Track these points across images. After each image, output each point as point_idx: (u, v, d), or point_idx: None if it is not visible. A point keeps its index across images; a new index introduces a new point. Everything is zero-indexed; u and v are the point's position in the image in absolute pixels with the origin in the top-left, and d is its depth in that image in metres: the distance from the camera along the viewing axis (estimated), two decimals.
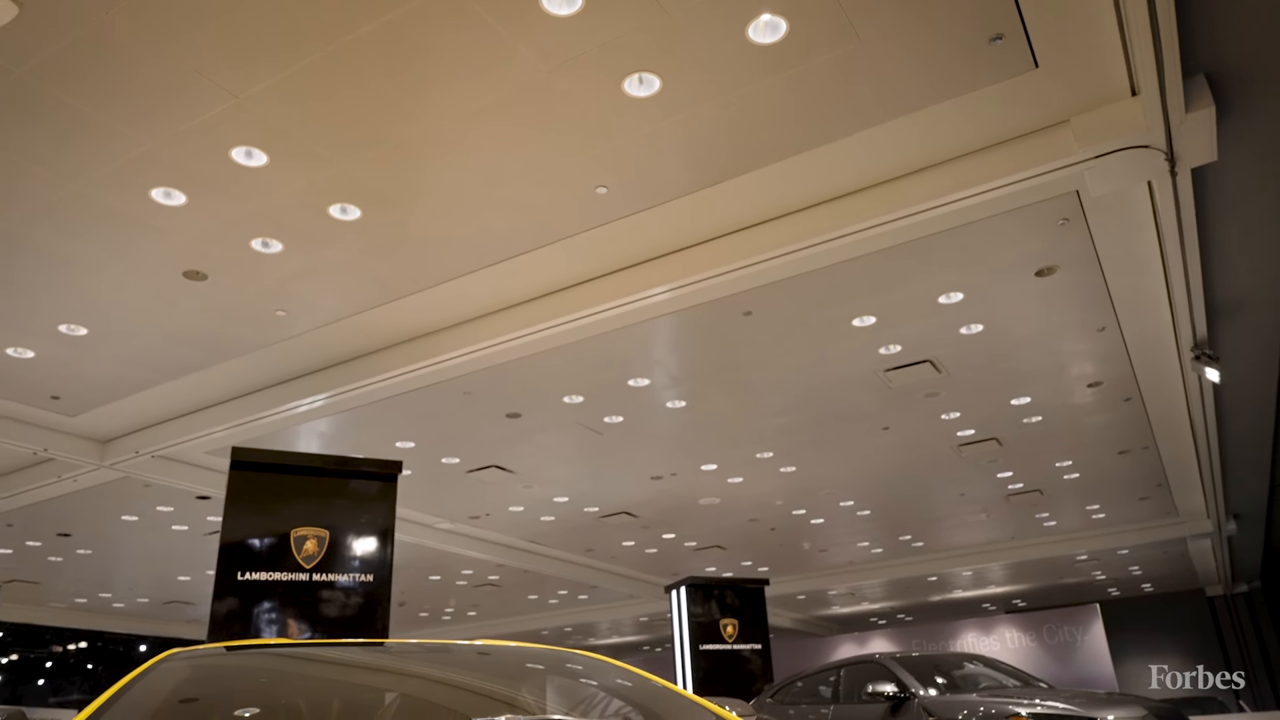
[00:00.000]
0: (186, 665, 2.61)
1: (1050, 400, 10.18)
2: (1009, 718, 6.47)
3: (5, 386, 8.75)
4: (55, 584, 17.37)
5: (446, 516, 13.89)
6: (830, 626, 27.02)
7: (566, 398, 9.42)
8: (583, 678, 2.84)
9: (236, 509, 6.31)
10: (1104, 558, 18.92)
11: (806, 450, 11.53)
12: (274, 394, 9.12)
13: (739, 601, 11.99)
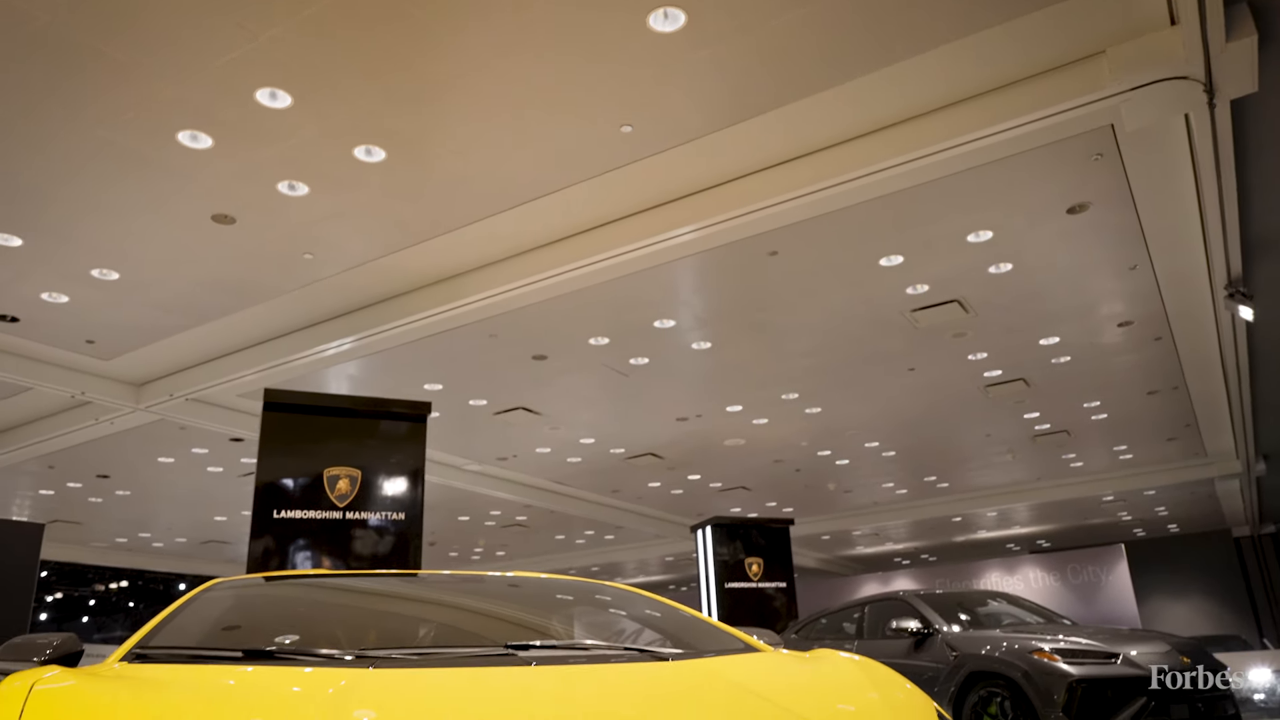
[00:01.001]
0: (230, 594, 2.71)
1: (1079, 340, 10.10)
2: (1032, 653, 6.54)
3: (41, 330, 8.90)
4: (96, 524, 17.84)
5: (474, 458, 14.08)
6: (854, 567, 27.27)
7: (592, 339, 9.45)
8: (612, 608, 2.90)
9: (270, 449, 6.43)
10: (1130, 499, 18.89)
11: (832, 391, 11.54)
12: (303, 337, 9.22)
13: (764, 541, 12.10)
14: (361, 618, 2.71)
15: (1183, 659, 6.53)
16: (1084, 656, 6.39)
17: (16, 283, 7.86)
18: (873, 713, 1.86)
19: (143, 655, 2.12)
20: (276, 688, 1.83)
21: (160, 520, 18.06)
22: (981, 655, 6.86)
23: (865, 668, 2.15)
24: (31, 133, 5.81)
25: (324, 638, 2.32)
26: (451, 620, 2.73)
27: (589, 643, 2.51)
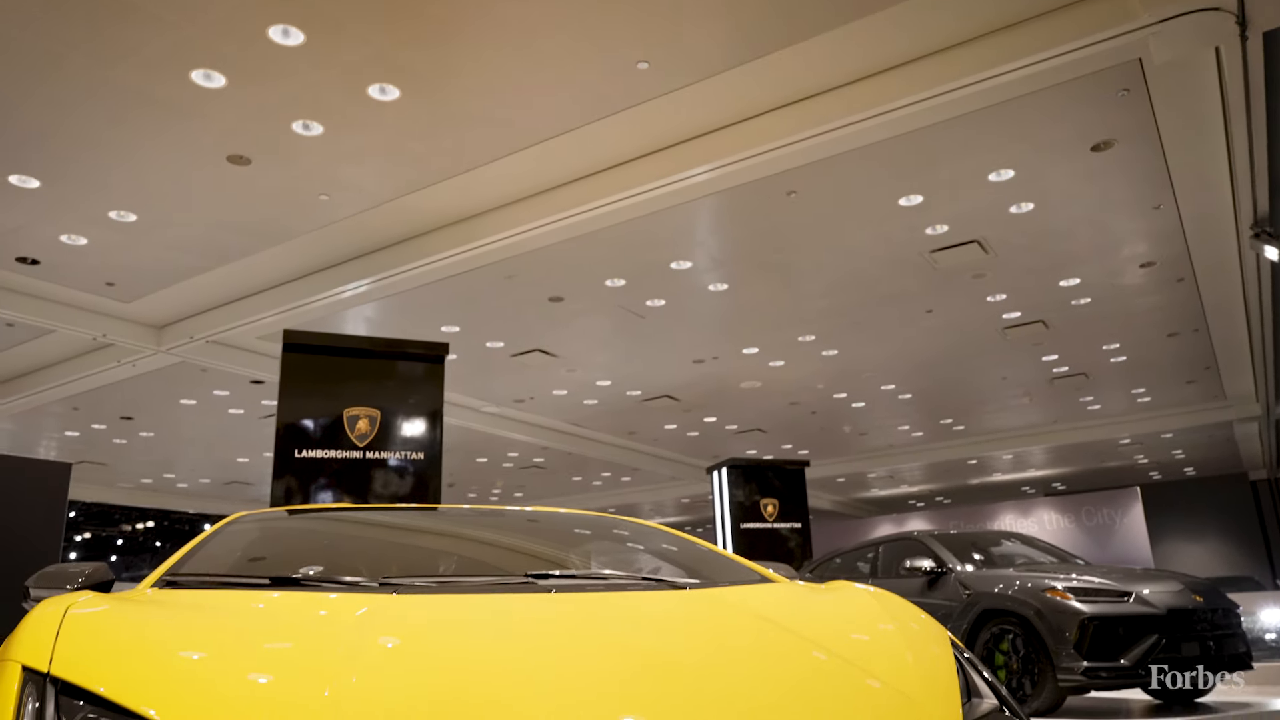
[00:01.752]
0: (254, 526, 2.76)
1: (1100, 281, 9.99)
2: (1045, 591, 6.59)
3: (62, 273, 8.96)
4: (121, 465, 18.14)
5: (492, 400, 14.18)
6: (869, 509, 27.45)
7: (608, 281, 9.43)
8: (630, 541, 2.95)
9: (291, 390, 6.49)
10: (1147, 441, 18.85)
11: (849, 333, 11.51)
12: (320, 279, 9.24)
13: (779, 482, 12.18)
14: (384, 549, 2.77)
15: (1195, 598, 6.57)
16: (1097, 595, 6.44)
17: (36, 225, 7.90)
18: (888, 641, 1.89)
19: (172, 582, 2.17)
20: (303, 611, 1.88)
21: (184, 461, 18.34)
22: (994, 594, 6.92)
23: (880, 598, 2.18)
24: (45, 74, 5.79)
25: (348, 567, 2.37)
26: (472, 551, 2.78)
27: (607, 573, 2.55)
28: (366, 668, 1.49)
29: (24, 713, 1.35)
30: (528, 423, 15.67)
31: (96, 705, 1.37)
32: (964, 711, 1.66)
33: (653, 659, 1.69)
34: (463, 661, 1.57)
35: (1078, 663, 6.14)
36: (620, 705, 1.46)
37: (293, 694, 1.40)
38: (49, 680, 1.41)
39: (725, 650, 1.80)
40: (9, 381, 12.41)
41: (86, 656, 1.46)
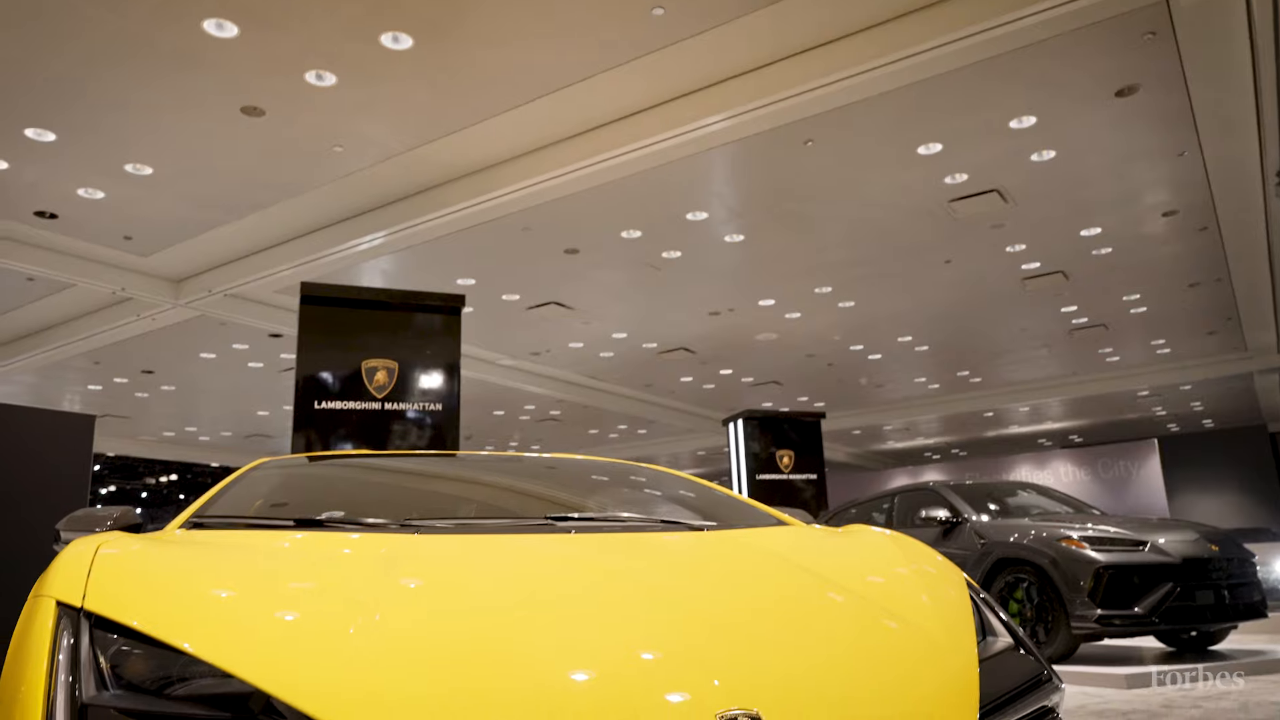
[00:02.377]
0: (277, 471, 2.81)
1: (1121, 231, 9.87)
2: (1060, 540, 6.62)
3: (80, 227, 9.00)
4: (144, 419, 18.37)
5: (508, 353, 14.22)
6: (884, 461, 27.51)
7: (624, 232, 9.39)
8: (648, 487, 2.97)
9: (309, 342, 6.53)
10: (1166, 393, 18.75)
11: (866, 285, 11.44)
12: (336, 232, 9.25)
13: (795, 434, 12.21)
14: (404, 493, 2.81)
15: (1211, 547, 6.59)
16: (1112, 544, 6.47)
17: (53, 179, 7.92)
18: (905, 581, 1.90)
19: (199, 524, 2.22)
20: (328, 550, 1.91)
21: (205, 415, 18.55)
22: (1009, 543, 6.96)
23: (897, 541, 2.19)
24: (58, 27, 5.76)
25: (370, 510, 2.40)
26: (491, 495, 2.81)
27: (625, 515, 2.58)
28: (389, 606, 1.52)
29: (59, 647, 1.39)
30: (544, 375, 15.73)
31: (130, 638, 1.40)
32: (979, 650, 1.68)
33: (670, 596, 1.71)
34: (483, 599, 1.60)
35: (1092, 610, 6.19)
36: (639, 641, 1.48)
37: (319, 631, 1.43)
38: (83, 615, 1.44)
39: (742, 588, 1.83)
40: (31, 336, 12.54)
41: (118, 592, 1.50)
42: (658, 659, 1.43)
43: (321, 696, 1.27)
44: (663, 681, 1.37)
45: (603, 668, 1.39)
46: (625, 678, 1.38)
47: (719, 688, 1.33)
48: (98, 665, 1.37)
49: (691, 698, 1.32)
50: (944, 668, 1.57)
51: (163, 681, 1.35)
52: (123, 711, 1.29)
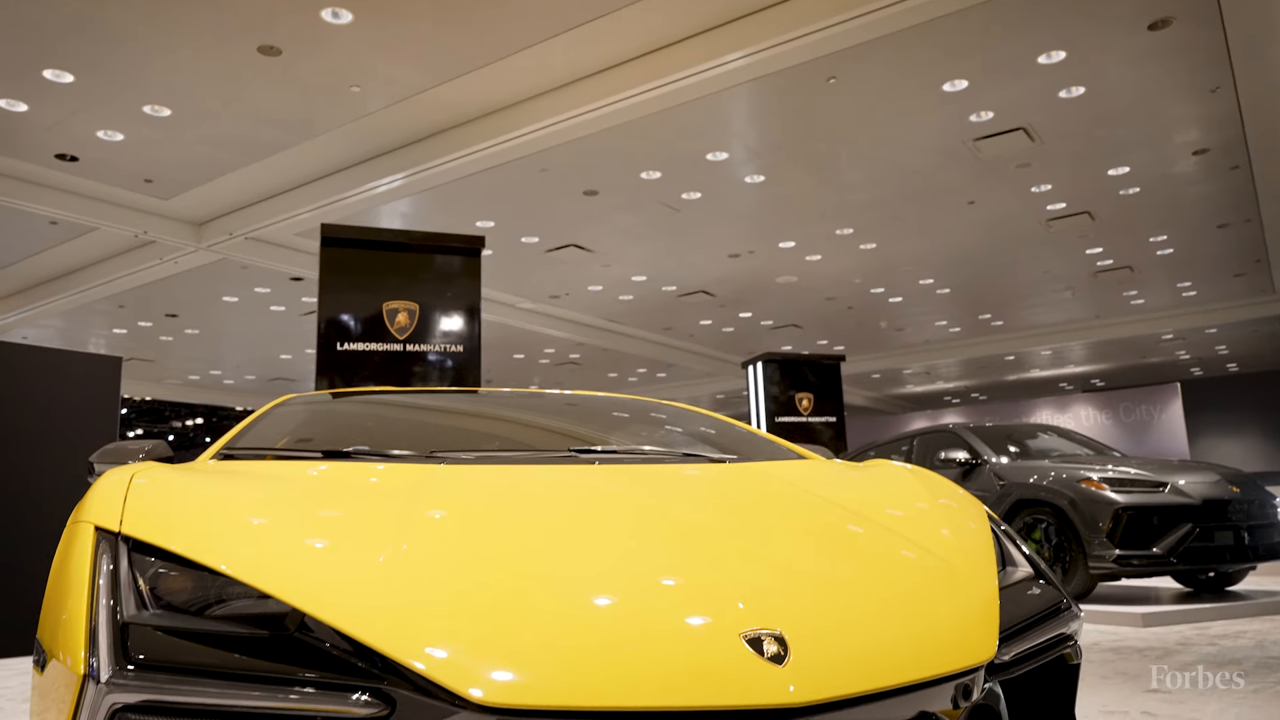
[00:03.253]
0: (302, 408, 2.84)
1: (1150, 170, 9.68)
2: (1080, 482, 6.62)
3: (100, 170, 9.02)
4: (169, 362, 18.59)
5: (528, 296, 14.23)
6: (903, 405, 27.51)
7: (644, 173, 9.31)
8: (669, 424, 2.99)
9: (331, 284, 6.57)
10: (1190, 337, 18.56)
11: (887, 226, 11.32)
12: (355, 174, 9.22)
13: (815, 377, 12.21)
14: (428, 428, 2.84)
15: (1232, 488, 6.57)
16: (1132, 485, 6.46)
17: (72, 121, 7.91)
18: (928, 514, 1.91)
19: (229, 456, 2.26)
20: (356, 480, 1.95)
21: (229, 358, 18.74)
22: (1029, 484, 6.97)
23: (918, 474, 2.20)
24: None
25: (394, 443, 2.43)
26: (514, 430, 2.84)
27: (647, 448, 2.61)
28: (417, 535, 1.55)
29: (99, 570, 1.43)
30: (563, 319, 15.75)
31: (167, 561, 1.44)
32: (1000, 579, 1.69)
33: (694, 524, 1.73)
34: (508, 528, 1.62)
35: (1110, 551, 6.21)
36: (664, 567, 1.51)
37: (350, 558, 1.46)
38: (120, 539, 1.48)
39: (764, 516, 1.85)
40: (56, 280, 12.65)
41: (154, 517, 1.53)
42: (683, 583, 1.45)
43: (356, 616, 1.30)
44: (688, 604, 1.40)
45: (628, 592, 1.42)
46: (650, 600, 1.40)
47: (743, 610, 1.35)
48: (137, 587, 1.40)
49: (716, 619, 1.34)
50: (965, 594, 1.59)
51: (200, 602, 1.38)
52: (162, 629, 1.33)
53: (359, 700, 1.22)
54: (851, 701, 1.27)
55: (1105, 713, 3.22)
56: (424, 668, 1.22)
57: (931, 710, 1.35)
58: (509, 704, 1.19)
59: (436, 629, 1.29)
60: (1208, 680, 3.78)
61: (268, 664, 1.26)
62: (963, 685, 1.40)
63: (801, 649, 1.30)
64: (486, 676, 1.21)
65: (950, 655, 1.41)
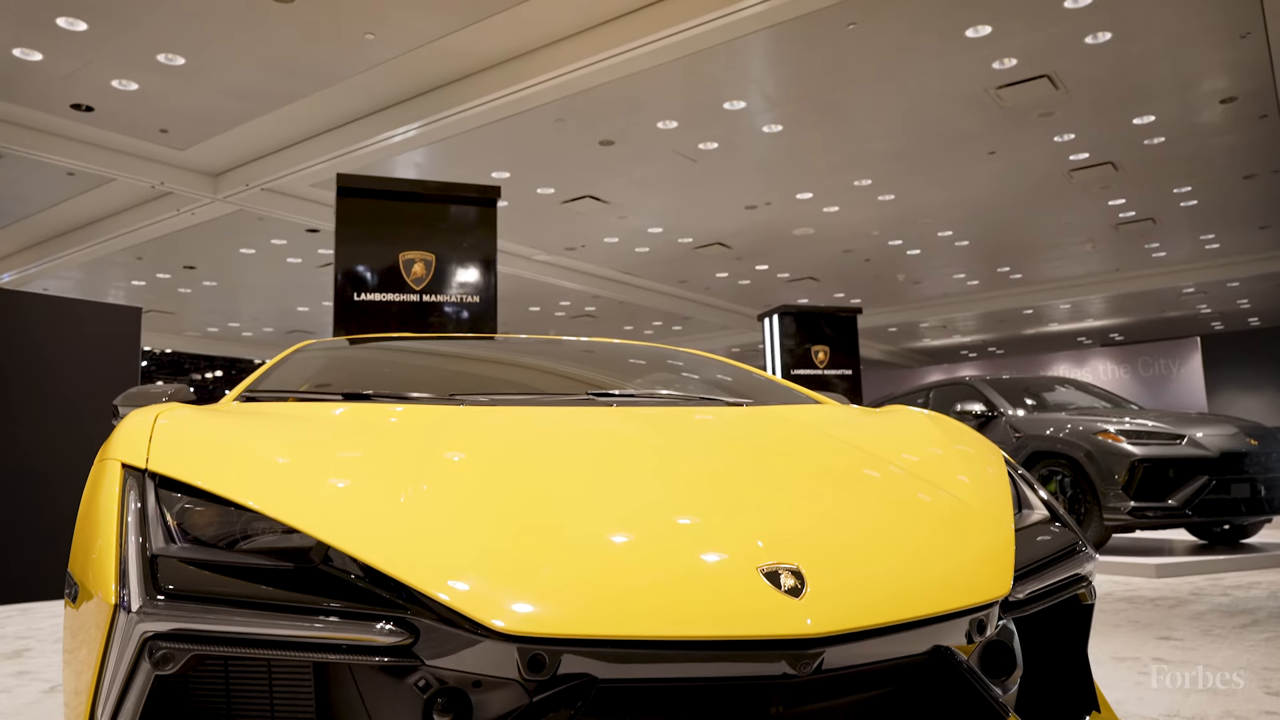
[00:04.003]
0: (322, 353, 2.86)
1: (1176, 119, 9.50)
2: (1097, 434, 6.61)
3: (116, 120, 9.01)
4: (188, 314, 18.71)
5: (543, 248, 14.20)
6: (919, 358, 27.41)
7: (660, 123, 9.22)
8: (685, 370, 3.00)
9: (347, 235, 6.57)
10: (1212, 290, 18.36)
11: (906, 177, 11.19)
12: (370, 124, 9.17)
13: (831, 330, 12.16)
14: (447, 371, 2.86)
15: (1250, 441, 6.55)
16: (1149, 438, 6.45)
17: (86, 70, 7.89)
18: (945, 457, 1.92)
19: (251, 399, 2.28)
20: (380, 419, 1.97)
21: (247, 310, 18.84)
22: (1045, 436, 6.97)
23: (936, 419, 2.20)
24: None
25: (413, 386, 2.45)
26: (532, 374, 2.86)
27: (664, 392, 2.62)
28: (437, 474, 1.56)
29: (127, 505, 1.45)
30: (579, 271, 15.72)
31: (193, 496, 1.46)
32: (1016, 521, 1.70)
33: (712, 464, 1.75)
34: (527, 466, 1.64)
35: (1125, 503, 6.22)
36: (683, 505, 1.52)
37: (373, 495, 1.48)
38: (147, 475, 1.50)
39: (782, 457, 1.86)
40: (75, 231, 12.71)
41: (179, 455, 1.56)
42: (701, 521, 1.47)
43: (380, 549, 1.32)
44: (706, 540, 1.41)
45: (647, 528, 1.44)
46: (669, 536, 1.42)
47: (762, 547, 1.37)
48: (164, 521, 1.43)
49: (734, 554, 1.36)
50: (980, 532, 1.60)
51: (226, 536, 1.41)
52: (190, 562, 1.36)
53: (383, 629, 1.25)
54: (867, 634, 1.29)
55: (1117, 659, 3.25)
56: (448, 598, 1.24)
57: (946, 644, 1.37)
58: (531, 632, 1.21)
59: (459, 562, 1.31)
60: (1221, 629, 3.80)
61: (294, 595, 1.29)
62: (977, 620, 1.41)
63: (818, 583, 1.32)
64: (508, 607, 1.23)
65: (965, 591, 1.42)
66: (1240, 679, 2.90)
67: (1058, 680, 1.72)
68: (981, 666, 1.45)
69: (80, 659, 1.41)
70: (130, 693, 1.28)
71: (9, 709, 2.88)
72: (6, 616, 5.06)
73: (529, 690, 1.22)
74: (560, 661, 1.21)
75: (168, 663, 1.26)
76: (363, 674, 1.29)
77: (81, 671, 1.39)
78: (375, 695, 1.28)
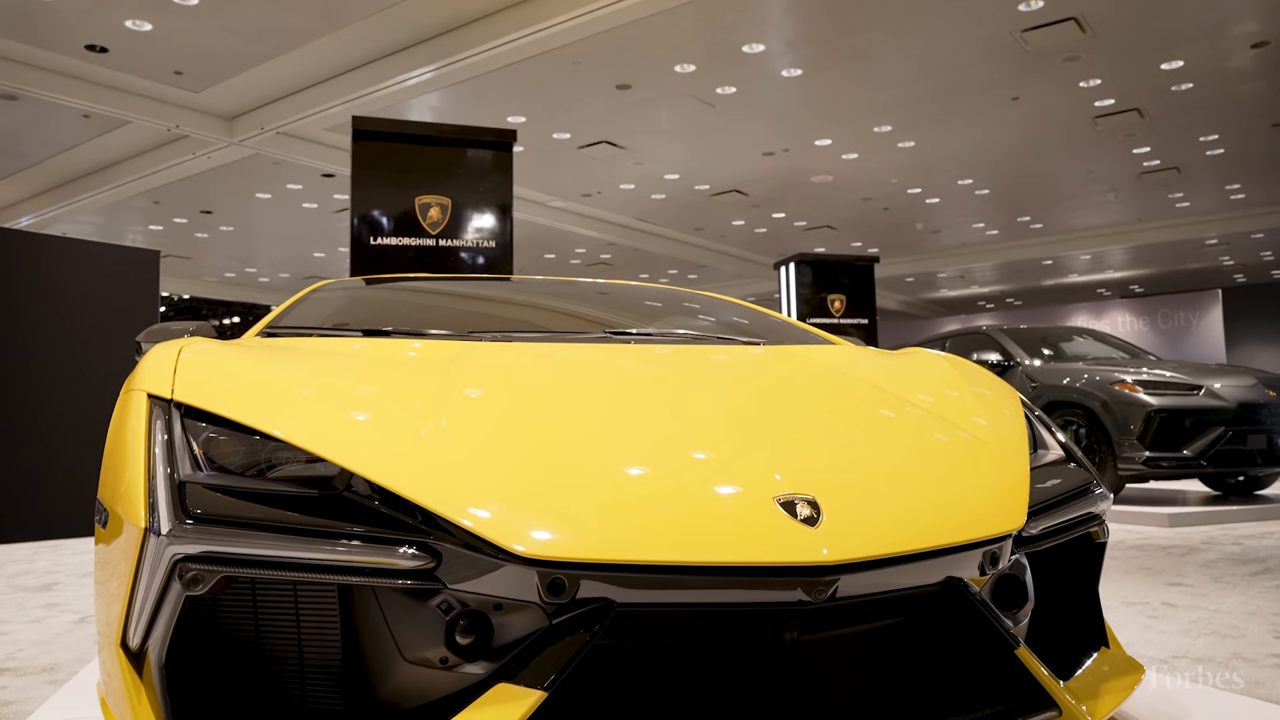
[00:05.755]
0: (340, 292, 2.88)
1: (1205, 64, 9.30)
2: (1114, 384, 6.59)
3: (130, 61, 8.96)
4: (205, 259, 18.77)
5: (559, 194, 14.12)
6: (936, 309, 27.25)
7: (678, 67, 9.09)
8: (702, 312, 3.00)
9: (363, 179, 6.55)
10: (1235, 241, 18.12)
11: (927, 124, 11.03)
12: (384, 66, 9.09)
13: (847, 278, 12.09)
14: (465, 311, 2.87)
15: (1269, 393, 6.51)
16: (1166, 388, 6.42)
17: (100, 10, 7.83)
18: (962, 399, 1.92)
19: (272, 334, 2.30)
20: (398, 352, 1.99)
21: (263, 256, 18.87)
22: (1061, 386, 6.94)
23: (953, 361, 2.20)
24: None
25: (431, 324, 2.47)
26: (549, 314, 2.87)
27: (681, 331, 2.63)
28: (456, 409, 1.57)
29: (154, 434, 1.48)
30: (595, 218, 15.64)
31: (218, 425, 1.48)
32: (1031, 460, 1.71)
33: (729, 400, 1.76)
34: (545, 401, 1.65)
35: (1139, 453, 6.21)
36: (700, 440, 1.53)
37: (395, 425, 1.50)
38: (173, 405, 1.52)
39: (798, 394, 1.87)
40: (92, 175, 12.73)
41: (203, 385, 1.57)
42: (719, 453, 1.49)
43: (404, 477, 1.35)
44: (724, 471, 1.43)
45: (665, 460, 1.45)
46: (687, 468, 1.44)
47: (779, 481, 1.38)
48: (191, 450, 1.45)
49: (752, 484, 1.38)
50: (996, 468, 1.61)
51: (251, 465, 1.43)
52: (217, 488, 1.38)
53: (406, 553, 1.27)
54: (881, 563, 1.30)
55: (1126, 603, 3.28)
56: (470, 524, 1.26)
57: (958, 575, 1.38)
58: (551, 556, 1.23)
59: (480, 491, 1.34)
60: (1231, 576, 3.82)
61: (319, 520, 1.32)
62: (990, 553, 1.43)
63: (834, 513, 1.33)
64: (528, 533, 1.26)
65: (979, 524, 1.44)
66: (1249, 624, 2.92)
67: (1068, 617, 1.74)
68: (993, 599, 1.47)
69: (112, 584, 1.45)
70: (162, 613, 1.32)
71: (41, 638, 2.96)
72: (35, 553, 5.18)
73: (548, 613, 1.25)
74: (579, 586, 1.24)
75: (197, 584, 1.29)
76: (386, 597, 1.32)
77: (113, 598, 1.42)
78: (399, 617, 1.31)
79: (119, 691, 1.36)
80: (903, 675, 1.41)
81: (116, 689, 1.38)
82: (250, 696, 1.35)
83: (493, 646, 1.28)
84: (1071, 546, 1.72)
